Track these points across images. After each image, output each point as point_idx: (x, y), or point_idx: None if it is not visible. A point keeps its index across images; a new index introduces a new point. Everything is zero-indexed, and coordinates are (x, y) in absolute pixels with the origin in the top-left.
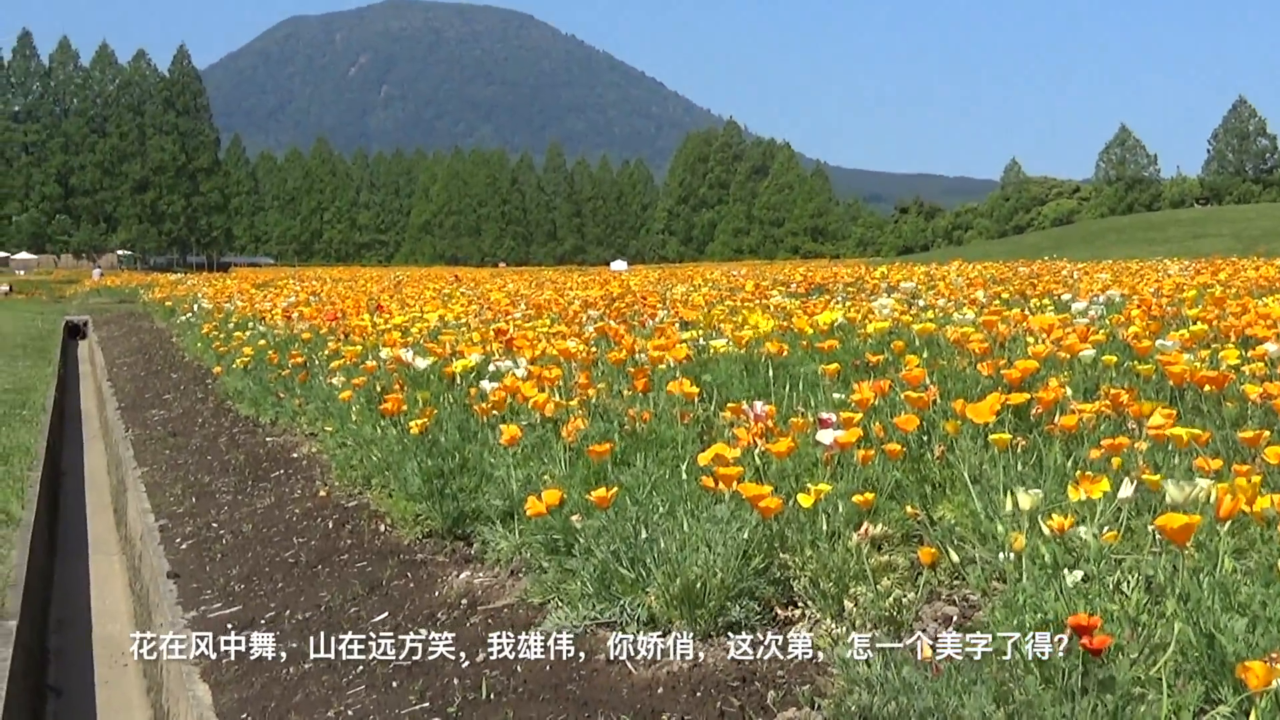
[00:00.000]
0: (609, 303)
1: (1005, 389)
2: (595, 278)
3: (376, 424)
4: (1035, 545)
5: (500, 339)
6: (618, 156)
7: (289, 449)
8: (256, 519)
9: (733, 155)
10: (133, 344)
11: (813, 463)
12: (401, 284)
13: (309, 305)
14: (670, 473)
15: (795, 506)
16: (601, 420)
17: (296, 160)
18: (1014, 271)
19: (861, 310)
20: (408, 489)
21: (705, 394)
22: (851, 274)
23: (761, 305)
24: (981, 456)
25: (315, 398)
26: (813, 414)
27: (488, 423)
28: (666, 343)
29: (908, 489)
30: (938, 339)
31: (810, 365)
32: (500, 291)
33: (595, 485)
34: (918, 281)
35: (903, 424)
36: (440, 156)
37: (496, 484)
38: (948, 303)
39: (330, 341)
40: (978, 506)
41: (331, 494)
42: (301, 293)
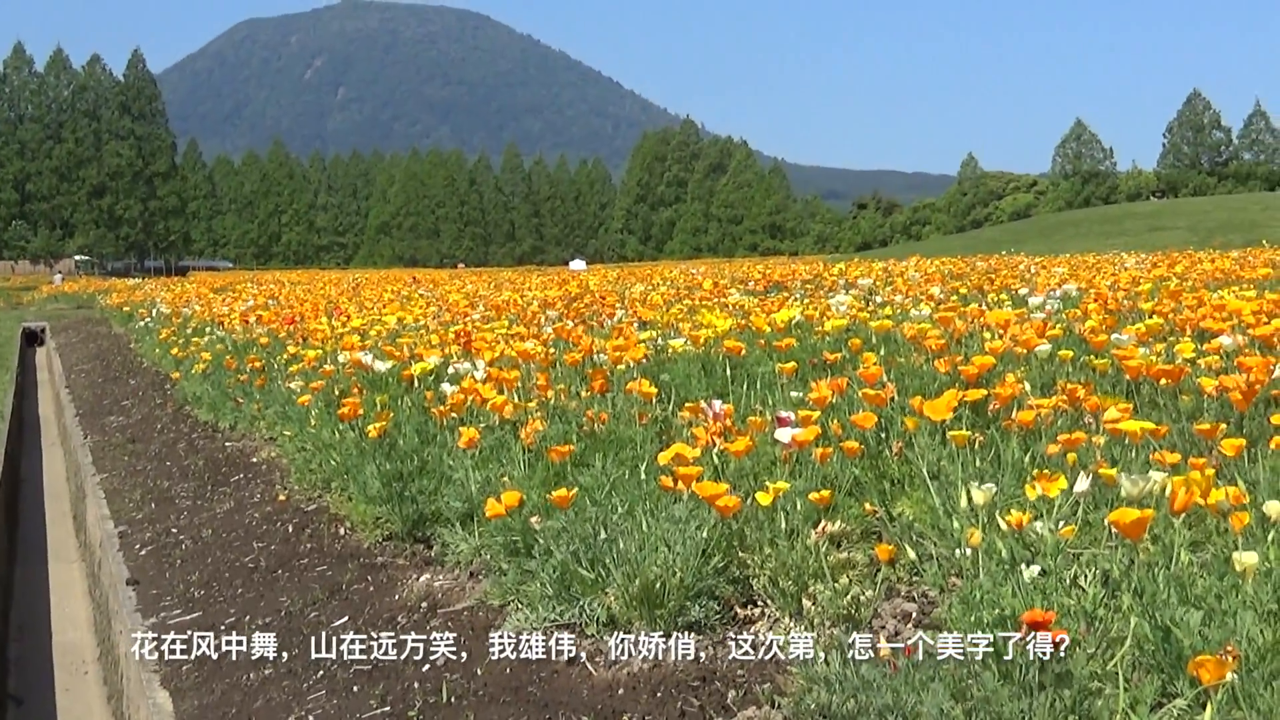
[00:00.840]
0: (567, 303)
1: (962, 385)
2: (554, 278)
3: (335, 428)
4: (992, 540)
5: (459, 341)
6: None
7: (248, 454)
8: (216, 524)
9: (690, 154)
10: (90, 350)
11: (771, 461)
12: (360, 286)
13: (267, 309)
14: (629, 473)
15: (754, 505)
16: (560, 421)
17: (253, 163)
18: (971, 266)
19: (819, 308)
20: (367, 492)
21: (663, 394)
22: (809, 271)
23: (719, 304)
24: (939, 453)
25: (274, 402)
26: (770, 412)
27: (447, 425)
28: (625, 343)
29: (866, 486)
30: (895, 336)
31: (768, 364)
32: (459, 293)
33: (554, 486)
34: (875, 278)
35: (860, 421)
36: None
37: (455, 486)
38: (905, 299)
39: (288, 346)
40: (936, 503)
41: (291, 498)
42: (259, 296)
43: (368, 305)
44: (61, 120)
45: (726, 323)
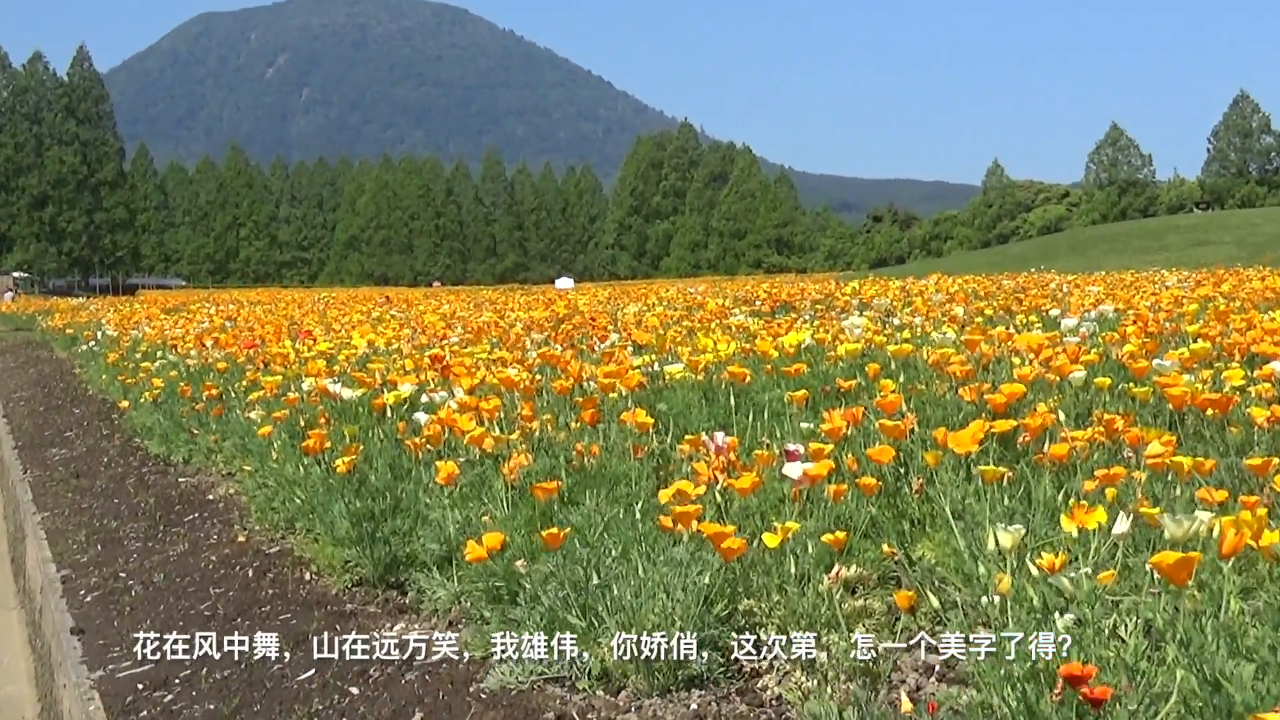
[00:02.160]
0: (554, 325)
1: (989, 416)
2: (539, 297)
3: (299, 462)
4: (1023, 586)
5: (435, 367)
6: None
7: (204, 490)
8: (169, 568)
9: (689, 161)
10: (30, 376)
11: (779, 499)
12: (326, 306)
13: (224, 331)
14: (623, 512)
15: (761, 547)
16: (547, 455)
17: (209, 171)
18: (998, 285)
19: (831, 330)
20: (334, 533)
21: (660, 425)
22: (820, 290)
23: (722, 326)
24: (964, 490)
25: (232, 434)
26: (779, 445)
27: (422, 459)
28: (617, 369)
29: (884, 527)
30: (915, 361)
31: (776, 392)
32: (435, 314)
33: (541, 527)
34: (892, 298)
35: (877, 455)
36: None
37: (432, 527)
38: (925, 321)
39: (248, 372)
40: (960, 545)
41: (251, 539)
42: (216, 317)
43: (335, 327)
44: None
45: (730, 347)
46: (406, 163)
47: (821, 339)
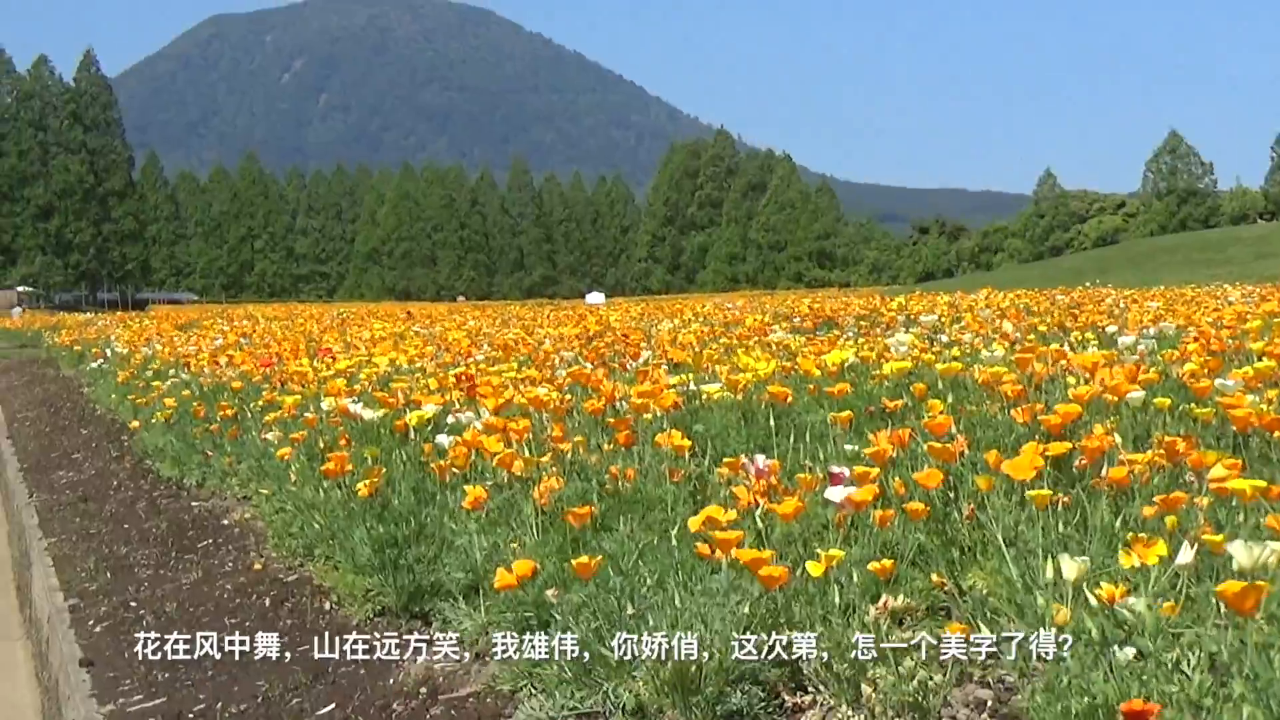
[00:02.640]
0: (585, 342)
1: (1044, 438)
2: (569, 313)
3: (319, 485)
4: (1080, 618)
5: (461, 386)
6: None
7: (218, 515)
8: (182, 597)
9: (725, 169)
10: (36, 395)
11: (823, 525)
12: (346, 322)
13: (239, 349)
14: (659, 538)
15: (803, 576)
16: (579, 479)
17: (222, 180)
18: (1051, 300)
19: (876, 348)
20: (356, 560)
21: (697, 447)
22: (864, 305)
23: (761, 343)
24: (1017, 516)
25: (248, 456)
26: (822, 469)
27: (447, 483)
28: (652, 389)
29: (933, 554)
30: (965, 381)
31: (818, 413)
32: (460, 330)
33: (573, 554)
34: (940, 313)
35: (926, 480)
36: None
37: (458, 553)
38: (975, 338)
39: (264, 391)
40: (1014, 574)
41: (268, 566)
42: (230, 334)
43: (355, 344)
44: (3, 132)
45: (769, 365)
46: (429, 171)
47: (866, 357)
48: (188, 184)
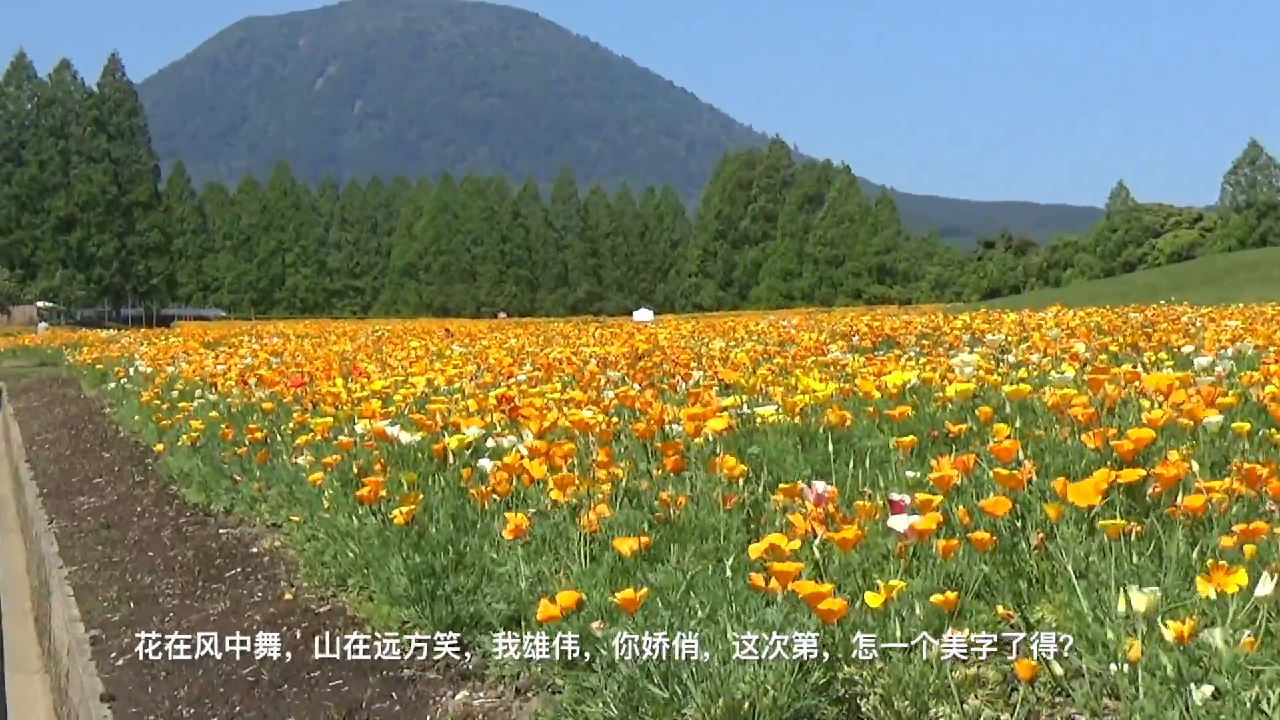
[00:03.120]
0: (633, 362)
1: (1115, 464)
2: (615, 331)
3: (353, 512)
4: (1155, 654)
5: (502, 408)
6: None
7: (247, 543)
8: (209, 628)
9: (781, 181)
10: (56, 416)
11: (883, 555)
12: (381, 340)
13: (269, 368)
14: (711, 569)
15: (862, 608)
16: (627, 506)
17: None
18: (1123, 318)
19: (940, 369)
20: (391, 590)
21: (752, 473)
22: (927, 323)
23: (818, 363)
24: (1088, 546)
25: (278, 481)
26: (882, 496)
27: (488, 510)
28: (703, 411)
29: (999, 586)
30: (1032, 403)
31: (878, 437)
32: (501, 349)
33: (620, 585)
34: (1007, 332)
35: (991, 507)
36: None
37: (499, 584)
38: (1044, 358)
39: (296, 412)
40: (1084, 607)
41: (299, 597)
42: (260, 352)
43: (391, 363)
44: (23, 139)
45: (827, 386)
46: (469, 182)
47: (929, 378)
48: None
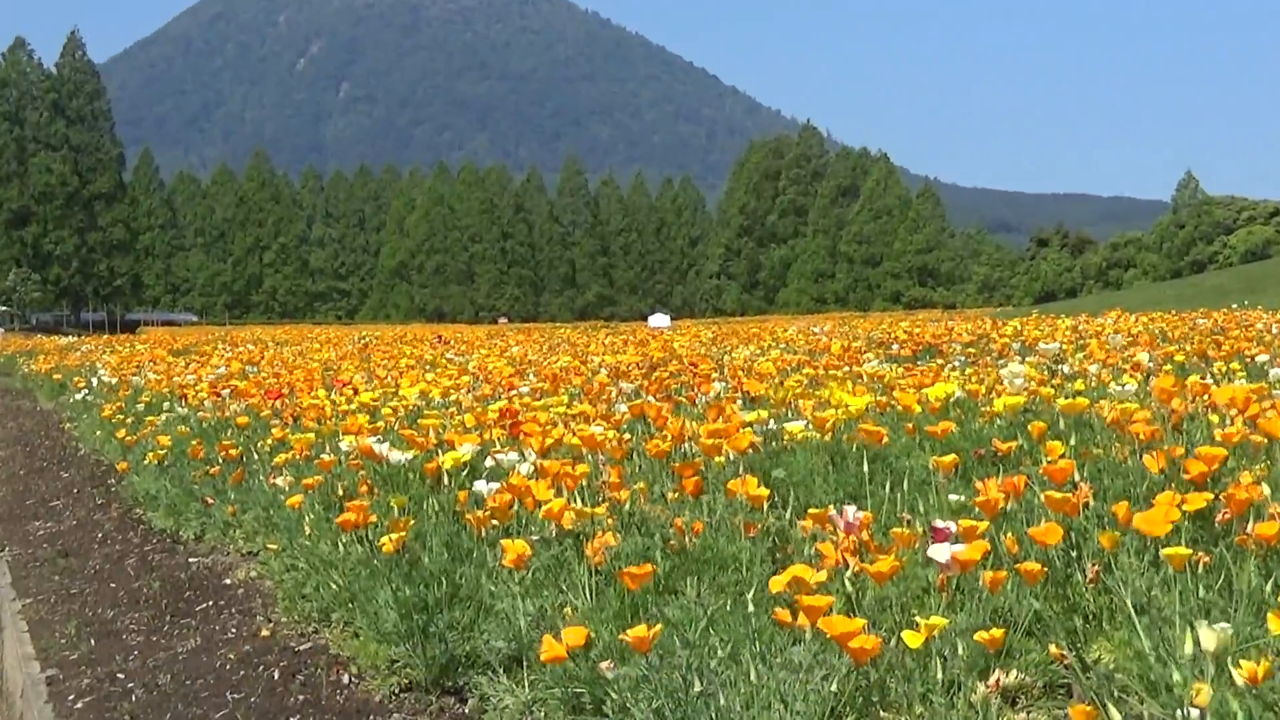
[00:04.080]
0: (647, 372)
1: (1182, 487)
2: (628, 338)
3: (336, 539)
4: (1224, 698)
5: (502, 423)
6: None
7: (220, 573)
8: (177, 668)
9: (812, 171)
10: (9, 432)
11: (922, 589)
12: (369, 348)
13: (245, 378)
14: (732, 603)
15: (900, 647)
16: (639, 533)
17: (227, 183)
18: (1191, 325)
19: (987, 381)
20: (379, 626)
21: (777, 496)
22: (973, 330)
23: (853, 374)
24: (1150, 578)
25: (254, 504)
26: (922, 522)
27: (486, 537)
28: (725, 427)
29: (1051, 623)
30: (1090, 419)
31: (918, 456)
32: (501, 358)
33: (632, 621)
34: (1062, 340)
35: (1043, 535)
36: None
37: (498, 619)
38: (1102, 369)
39: (274, 428)
40: (1146, 646)
41: (277, 633)
42: (235, 361)
43: (379, 374)
44: None
45: (862, 400)
46: (467, 173)
47: (975, 391)
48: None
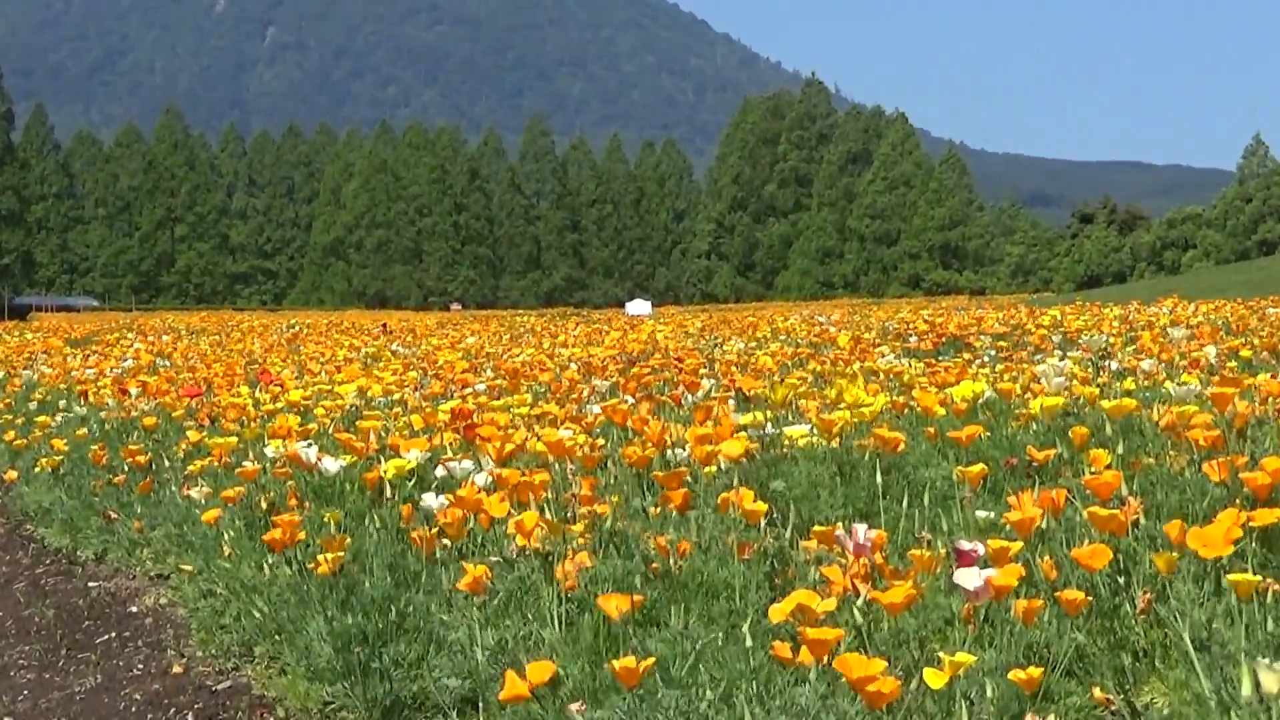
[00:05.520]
0: (624, 368)
1: (1247, 503)
2: (603, 328)
3: (261, 560)
4: None
5: (455, 426)
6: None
7: (124, 599)
8: (74, 710)
9: (817, 134)
10: None
11: (946, 620)
12: (299, 338)
13: (155, 373)
14: (724, 636)
15: (920, 689)
16: (616, 554)
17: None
18: (1259, 315)
19: (1021, 378)
20: (311, 662)
21: (776, 512)
22: (1005, 320)
23: (864, 371)
24: (1212, 609)
25: (165, 519)
26: (945, 543)
27: (437, 559)
28: (716, 431)
29: (1095, 660)
30: (1141, 423)
31: (941, 466)
32: (454, 350)
33: (608, 656)
34: (1109, 332)
35: (1087, 558)
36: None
37: (452, 653)
38: (1156, 366)
39: (188, 431)
40: (1206, 688)
41: (191, 670)
42: (143, 354)
43: (312, 368)
44: None
45: (876, 400)
46: (414, 134)
47: (1007, 390)
48: (87, 149)
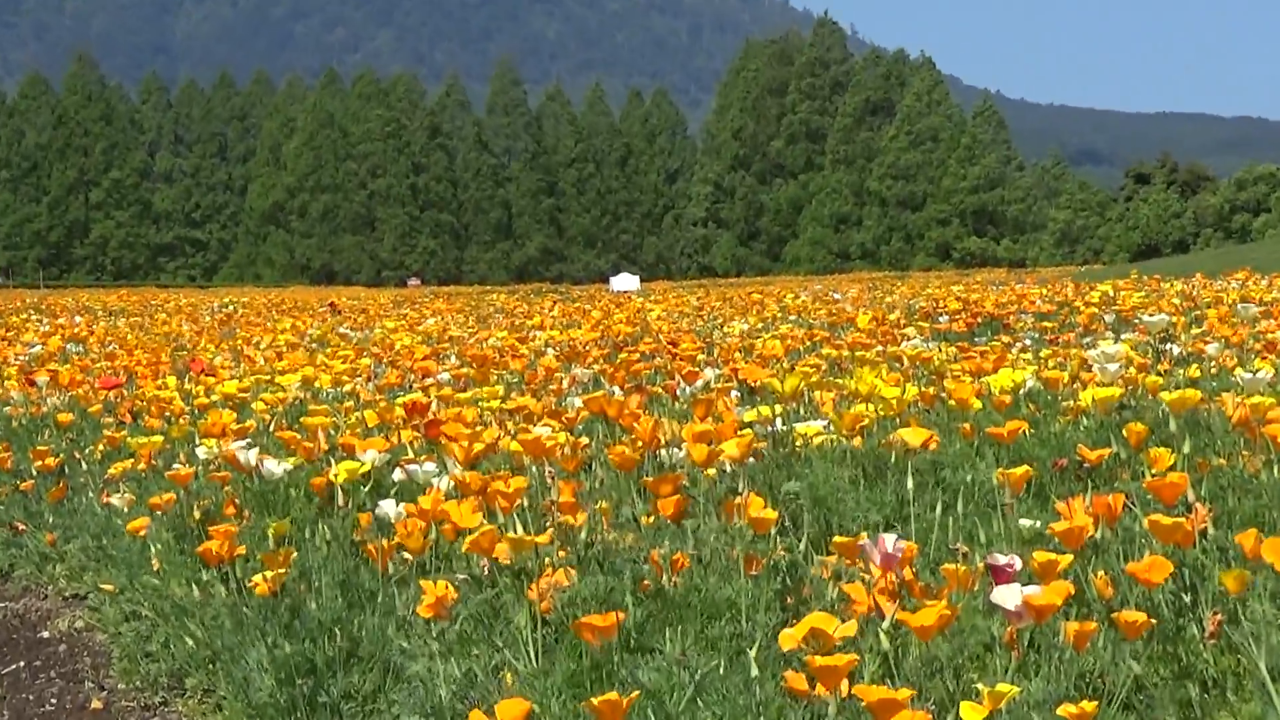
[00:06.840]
0: (610, 354)
1: None
2: (583, 306)
3: (194, 578)
4: None
5: (415, 422)
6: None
7: (35, 623)
8: None
9: (830, 82)
10: None
11: (984, 645)
12: (234, 320)
13: (67, 361)
14: (728, 664)
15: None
16: (601, 570)
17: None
18: None
19: (1070, 365)
20: (250, 695)
21: (788, 519)
22: (1050, 296)
23: (888, 355)
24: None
25: (82, 530)
26: (983, 557)
27: (394, 576)
28: (716, 428)
29: (1157, 692)
30: (1207, 418)
31: (978, 467)
32: (413, 333)
33: (592, 688)
34: (1170, 310)
35: (1146, 574)
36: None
37: (411, 686)
38: (1224, 349)
39: (107, 428)
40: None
41: (113, 704)
42: (54, 338)
43: (250, 355)
44: None
45: (903, 391)
46: (365, 83)
47: (1053, 380)
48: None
